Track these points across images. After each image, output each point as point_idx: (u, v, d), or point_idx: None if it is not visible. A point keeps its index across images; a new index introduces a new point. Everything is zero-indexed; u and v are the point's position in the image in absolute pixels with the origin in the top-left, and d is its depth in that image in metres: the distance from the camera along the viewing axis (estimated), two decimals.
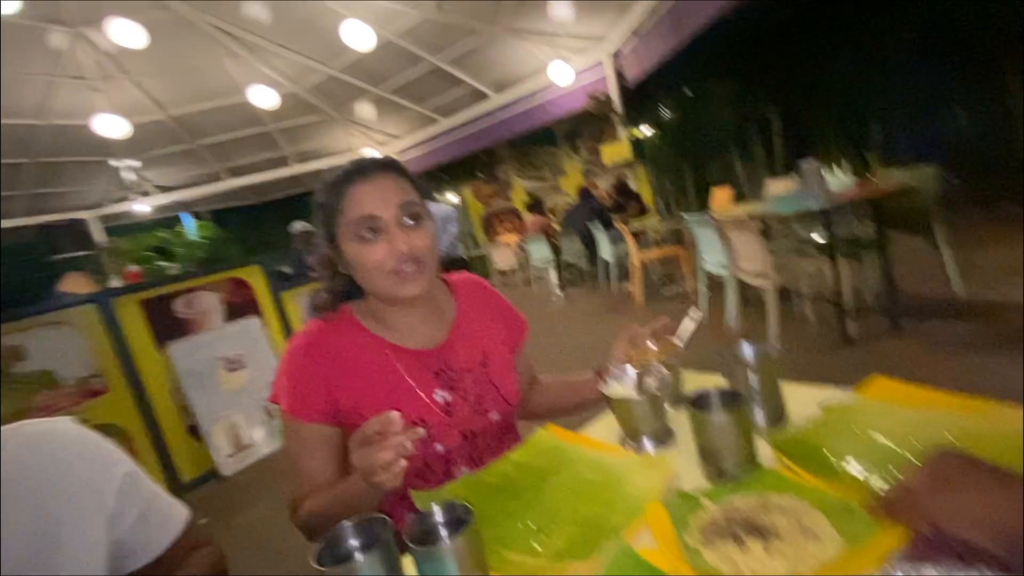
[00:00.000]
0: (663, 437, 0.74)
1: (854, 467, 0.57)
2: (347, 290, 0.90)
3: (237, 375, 3.24)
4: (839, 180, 3.46)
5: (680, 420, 0.79)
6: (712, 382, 0.89)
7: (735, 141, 6.18)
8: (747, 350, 0.74)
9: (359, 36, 4.90)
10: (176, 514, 0.72)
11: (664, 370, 0.75)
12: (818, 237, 2.98)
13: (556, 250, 6.65)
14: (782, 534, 0.48)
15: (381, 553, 0.49)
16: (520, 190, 9.83)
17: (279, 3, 5.35)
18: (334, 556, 0.52)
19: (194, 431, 3.12)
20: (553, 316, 5.44)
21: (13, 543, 0.56)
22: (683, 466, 0.67)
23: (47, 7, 4.66)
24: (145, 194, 8.15)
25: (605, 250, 5.47)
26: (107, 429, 2.81)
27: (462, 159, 8.80)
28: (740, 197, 5.14)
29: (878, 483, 0.53)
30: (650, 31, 5.41)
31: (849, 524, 0.49)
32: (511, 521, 0.64)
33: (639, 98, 6.52)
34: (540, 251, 6.69)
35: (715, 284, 3.92)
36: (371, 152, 8.38)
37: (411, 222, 0.80)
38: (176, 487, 2.99)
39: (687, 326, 0.84)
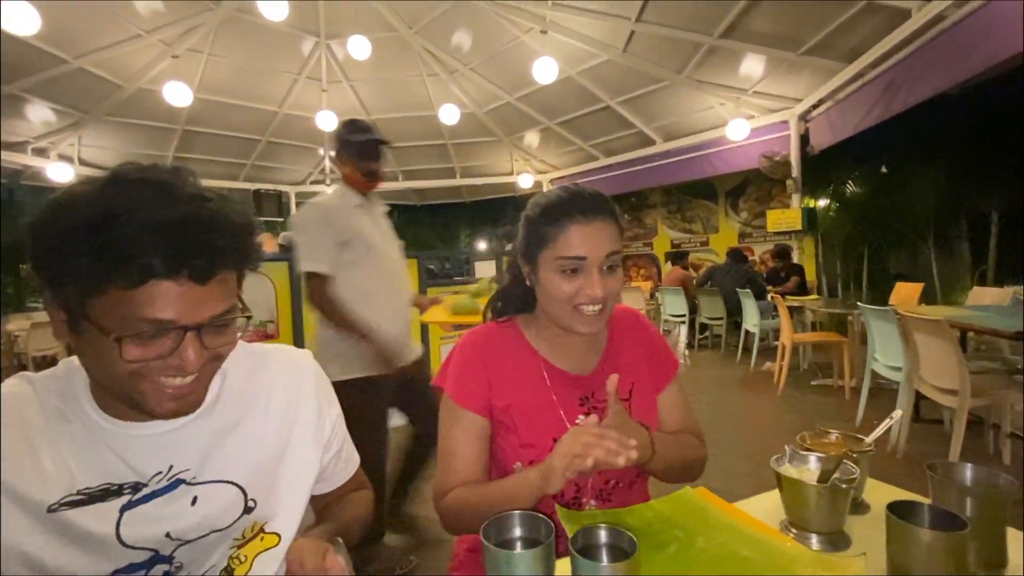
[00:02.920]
0: (837, 540, 0.66)
1: None
2: (523, 303, 0.94)
3: None
4: None
5: (855, 527, 0.71)
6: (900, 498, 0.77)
7: (935, 233, 5.35)
8: (969, 473, 0.64)
9: (545, 71, 5.23)
10: (355, 457, 0.84)
11: (853, 467, 0.68)
12: None
13: (692, 308, 6.33)
14: None
15: (542, 551, 0.51)
16: (665, 238, 9.57)
17: (481, 35, 5.95)
18: (498, 538, 0.55)
19: None
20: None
21: (259, 444, 0.68)
22: None
23: (307, 18, 5.73)
24: (337, 180, 9.49)
25: (751, 320, 5.06)
26: None
27: (611, 197, 8.80)
28: (930, 297, 4.43)
29: None
30: (852, 98, 4.98)
31: None
32: (653, 568, 0.62)
33: (822, 166, 5.98)
34: (675, 304, 6.41)
35: (880, 389, 3.41)
36: (527, 178, 8.82)
37: (609, 270, 0.83)
38: None
39: (883, 425, 0.75)
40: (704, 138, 6.76)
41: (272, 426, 0.70)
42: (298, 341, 3.37)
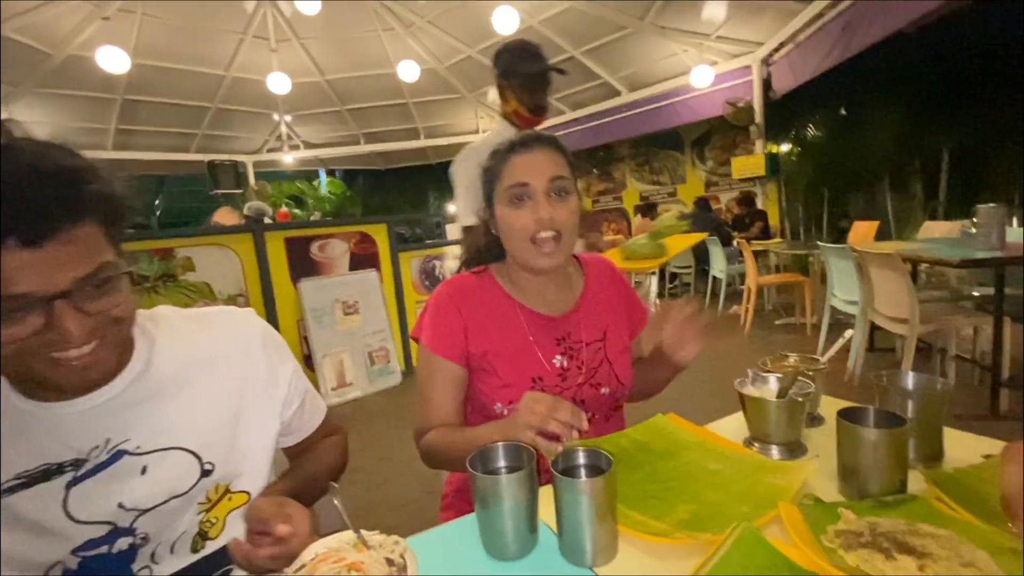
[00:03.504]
0: (795, 448, 0.73)
1: None
2: (494, 252, 0.97)
3: (351, 318, 3.57)
4: (1017, 233, 3.00)
5: (812, 438, 0.77)
6: None
7: (891, 172, 5.54)
8: (911, 379, 0.70)
9: (505, 21, 5.05)
10: (320, 406, 0.85)
11: (809, 382, 0.73)
12: (981, 292, 2.61)
13: None
14: (938, 559, 0.47)
15: (525, 475, 0.55)
16: (634, 191, 9.62)
17: None
18: (484, 468, 0.58)
19: (308, 361, 3.49)
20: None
21: (207, 406, 0.68)
22: (814, 480, 0.65)
23: None
24: (295, 147, 9.11)
25: (718, 267, 5.21)
26: None
27: (579, 151, 8.77)
28: (885, 235, 4.63)
29: None
30: (812, 40, 4.99)
31: (1014, 564, 0.46)
32: (632, 487, 0.67)
33: (784, 111, 6.05)
34: None
35: (839, 324, 3.60)
36: None
37: (558, 195, 0.85)
38: None
39: (836, 344, 0.81)
40: (669, 86, 6.71)
41: (220, 387, 0.69)
42: (270, 314, 3.32)
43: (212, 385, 0.68)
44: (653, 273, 6.50)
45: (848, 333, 0.85)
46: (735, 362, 3.90)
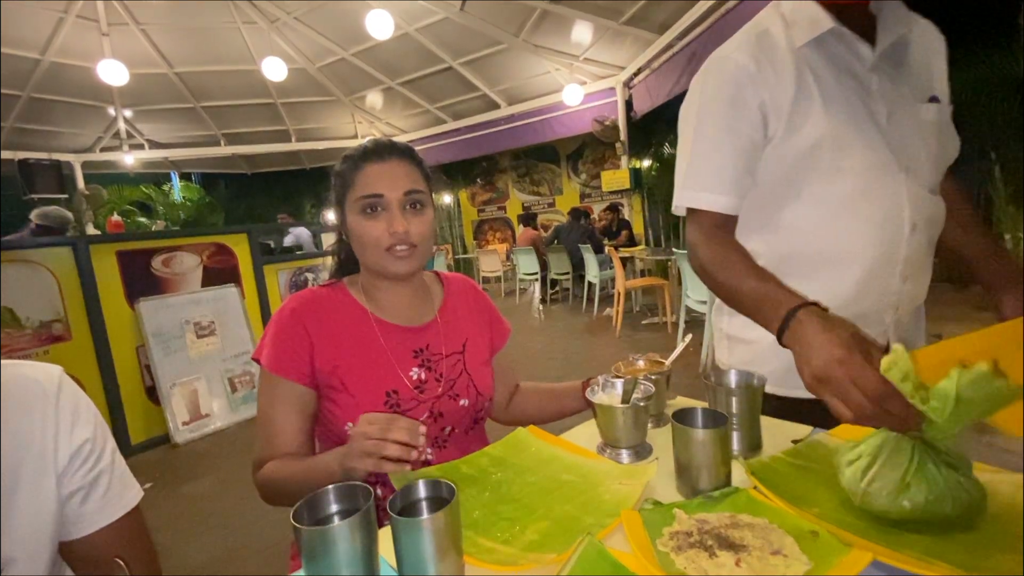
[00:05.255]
0: (641, 450, 0.76)
1: (819, 497, 0.59)
2: (348, 263, 0.95)
3: (206, 341, 3.17)
4: None
5: (658, 437, 0.82)
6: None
7: None
8: (733, 377, 0.77)
9: (379, 25, 4.92)
10: (123, 502, 0.67)
11: (651, 385, 0.78)
12: None
13: (543, 265, 6.71)
14: (751, 550, 0.50)
15: (360, 520, 0.49)
16: (516, 202, 9.91)
17: None
18: (313, 517, 0.52)
19: (152, 393, 3.03)
20: (532, 328, 5.46)
21: None
22: (658, 480, 0.68)
23: None
24: (137, 147, 7.96)
25: (592, 272, 5.54)
26: None
27: (464, 162, 8.83)
28: None
29: (840, 514, 0.56)
30: (664, 67, 5.56)
31: (815, 548, 0.51)
32: (484, 510, 0.65)
33: (645, 130, 6.65)
34: (528, 264, 6.73)
35: (694, 321, 4.01)
36: None
37: (412, 208, 0.85)
38: (123, 448, 2.89)
39: (678, 348, 0.87)
40: (544, 103, 7.03)
41: None
42: (100, 342, 2.83)
43: None
44: (536, 280, 6.73)
45: (688, 337, 0.93)
46: (609, 360, 4.16)
